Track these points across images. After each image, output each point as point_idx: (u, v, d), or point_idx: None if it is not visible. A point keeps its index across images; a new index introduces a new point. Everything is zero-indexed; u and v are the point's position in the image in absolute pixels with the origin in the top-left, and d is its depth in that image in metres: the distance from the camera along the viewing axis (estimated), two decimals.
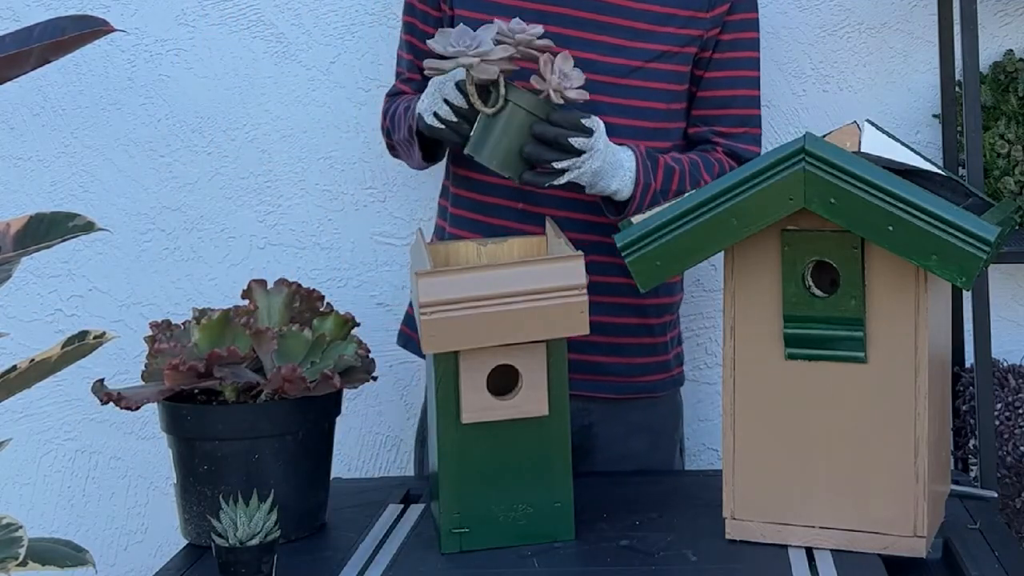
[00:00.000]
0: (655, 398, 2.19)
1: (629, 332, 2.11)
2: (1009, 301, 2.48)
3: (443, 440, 1.79)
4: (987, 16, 2.41)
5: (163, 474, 2.56)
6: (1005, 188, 2.36)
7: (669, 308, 2.18)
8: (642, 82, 2.07)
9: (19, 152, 2.57)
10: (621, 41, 2.06)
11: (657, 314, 2.15)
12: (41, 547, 1.18)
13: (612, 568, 1.75)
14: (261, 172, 2.55)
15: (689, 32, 2.08)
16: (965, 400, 2.33)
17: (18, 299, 2.59)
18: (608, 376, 2.12)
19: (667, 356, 2.19)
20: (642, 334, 2.13)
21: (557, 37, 2.00)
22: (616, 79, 2.05)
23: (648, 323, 2.14)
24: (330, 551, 1.85)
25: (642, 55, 2.06)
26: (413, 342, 2.20)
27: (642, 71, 2.07)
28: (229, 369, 1.82)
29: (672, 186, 2.01)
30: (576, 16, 2.05)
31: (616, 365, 2.12)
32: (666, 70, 2.08)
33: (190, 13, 2.53)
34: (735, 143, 2.12)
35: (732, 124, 2.13)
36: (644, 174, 1.98)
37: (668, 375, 2.20)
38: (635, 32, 2.06)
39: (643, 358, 2.15)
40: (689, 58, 2.09)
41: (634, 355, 2.13)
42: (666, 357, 2.18)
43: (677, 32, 2.08)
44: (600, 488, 2.02)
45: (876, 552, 1.74)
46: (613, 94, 2.05)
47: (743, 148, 2.12)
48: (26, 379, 1.20)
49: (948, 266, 1.61)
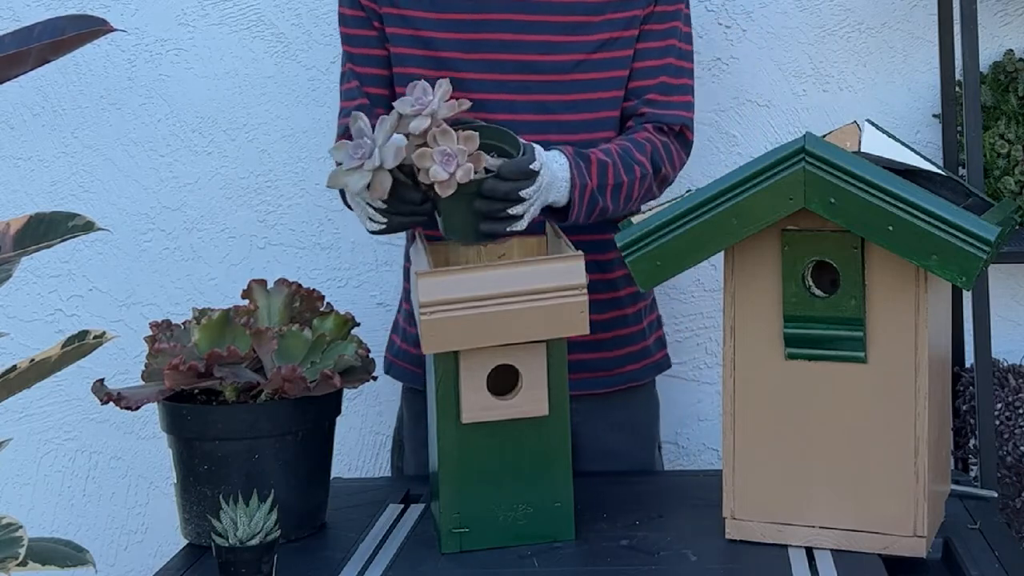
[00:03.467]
0: (638, 388, 2.19)
1: (604, 327, 2.10)
2: (1009, 301, 2.48)
3: (443, 440, 1.79)
4: (987, 16, 2.41)
5: (163, 474, 2.56)
6: (1005, 188, 2.36)
7: (643, 295, 2.17)
8: (587, 74, 2.04)
9: (19, 152, 2.58)
10: (559, 37, 2.02)
11: (631, 303, 2.14)
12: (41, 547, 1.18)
13: (612, 568, 1.75)
14: (261, 172, 2.55)
15: (629, 13, 2.04)
16: (965, 400, 2.33)
17: (18, 299, 2.59)
18: (591, 372, 2.11)
19: (646, 342, 2.18)
20: (618, 326, 2.12)
21: (493, 43, 1.99)
22: (560, 76, 2.03)
23: (623, 314, 2.13)
24: (330, 551, 1.85)
25: (583, 48, 2.03)
26: (395, 367, 2.20)
27: (586, 63, 2.04)
28: (229, 369, 1.82)
29: (608, 180, 1.96)
30: (508, 20, 2.02)
31: (596, 360, 2.10)
32: (611, 58, 2.05)
33: (190, 13, 2.53)
34: (661, 111, 2.08)
35: (660, 92, 2.08)
36: (579, 176, 1.93)
37: (650, 361, 2.19)
38: (571, 26, 2.03)
39: (622, 349, 2.14)
40: (632, 40, 2.06)
41: (613, 348, 2.12)
42: (645, 344, 2.18)
43: (617, 16, 2.04)
44: (600, 488, 2.01)
45: (876, 552, 1.74)
46: (559, 91, 2.03)
47: (671, 114, 2.08)
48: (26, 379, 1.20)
49: (948, 266, 1.61)
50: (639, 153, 2.02)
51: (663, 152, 2.05)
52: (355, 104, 2.10)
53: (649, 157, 2.03)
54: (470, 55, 2.02)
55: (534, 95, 2.03)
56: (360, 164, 1.76)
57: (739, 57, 2.48)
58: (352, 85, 2.12)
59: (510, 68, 2.02)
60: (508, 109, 2.01)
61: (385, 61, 2.09)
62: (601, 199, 1.96)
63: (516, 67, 2.02)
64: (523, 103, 2.03)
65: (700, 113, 2.49)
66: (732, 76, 2.49)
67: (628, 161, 2.00)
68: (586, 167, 1.94)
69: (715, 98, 2.49)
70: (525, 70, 2.01)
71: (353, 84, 2.12)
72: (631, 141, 2.03)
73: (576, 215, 1.94)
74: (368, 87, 2.10)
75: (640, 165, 2.01)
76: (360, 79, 2.10)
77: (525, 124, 1.99)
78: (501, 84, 2.02)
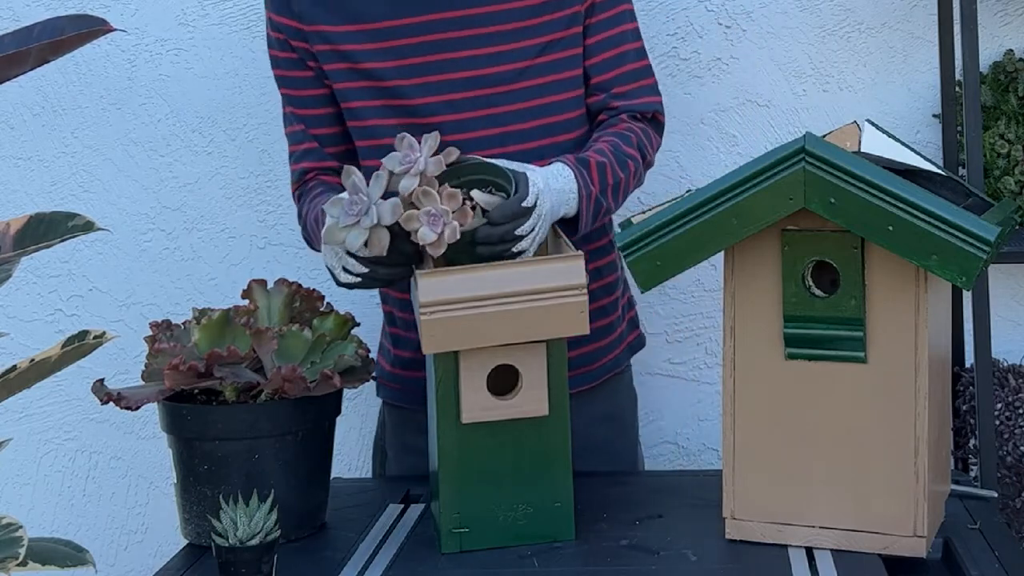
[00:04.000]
0: (619, 377, 2.19)
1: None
2: (1009, 301, 2.48)
3: (443, 440, 1.79)
4: (987, 16, 2.41)
5: (163, 474, 2.56)
6: (1005, 188, 2.36)
7: (615, 283, 2.16)
8: (534, 80, 2.01)
9: (19, 152, 2.58)
10: (499, 47, 1.99)
11: (607, 293, 2.14)
12: (41, 547, 1.18)
13: (612, 568, 1.75)
14: (261, 172, 2.55)
15: (569, 11, 2.01)
16: (965, 400, 2.33)
17: (18, 299, 2.59)
18: (575, 370, 2.11)
19: (622, 327, 2.19)
20: (597, 318, 2.11)
21: (436, 65, 1.97)
22: (507, 86, 2.00)
23: (601, 305, 2.12)
24: (330, 551, 1.85)
25: (525, 54, 2.00)
26: (383, 388, 2.20)
27: (531, 69, 2.01)
28: (229, 369, 1.82)
29: (609, 180, 1.96)
30: (447, 39, 1.98)
31: (581, 356, 2.10)
32: (556, 59, 2.02)
33: (190, 13, 2.53)
34: (634, 100, 2.07)
35: (627, 81, 2.07)
36: (584, 186, 1.93)
37: (624, 345, 2.20)
38: (509, 34, 1.99)
39: (603, 340, 2.14)
40: (578, 37, 2.03)
41: (594, 340, 2.11)
42: (621, 328, 2.19)
43: (556, 16, 2.01)
44: (600, 488, 2.02)
45: (876, 552, 1.74)
46: (509, 101, 2.00)
47: (643, 102, 2.08)
48: (26, 379, 1.19)
49: (948, 266, 1.61)
50: (627, 146, 2.01)
51: (645, 140, 2.05)
52: (303, 148, 2.08)
53: (637, 148, 2.02)
54: (414, 80, 1.99)
55: (485, 109, 1.99)
56: (356, 221, 1.75)
57: (739, 57, 2.48)
58: (297, 128, 2.09)
59: (458, 86, 1.99)
60: (460, 129, 1.98)
61: (327, 99, 2.05)
62: (604, 201, 1.96)
63: (463, 84, 1.99)
64: (476, 120, 2.00)
65: (700, 113, 2.50)
66: (732, 76, 2.49)
67: (621, 157, 2.00)
68: (588, 173, 1.94)
69: (715, 98, 2.49)
70: (472, 86, 1.98)
71: (298, 128, 2.09)
72: (617, 135, 2.03)
73: (584, 224, 1.94)
74: (314, 129, 2.07)
75: (632, 159, 2.01)
76: (305, 121, 2.08)
77: (482, 140, 1.97)
78: (450, 104, 1.99)
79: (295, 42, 2.03)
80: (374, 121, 2.02)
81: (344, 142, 2.08)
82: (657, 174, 2.50)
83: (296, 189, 2.12)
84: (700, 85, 2.49)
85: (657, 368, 2.55)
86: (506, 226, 1.79)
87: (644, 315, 2.51)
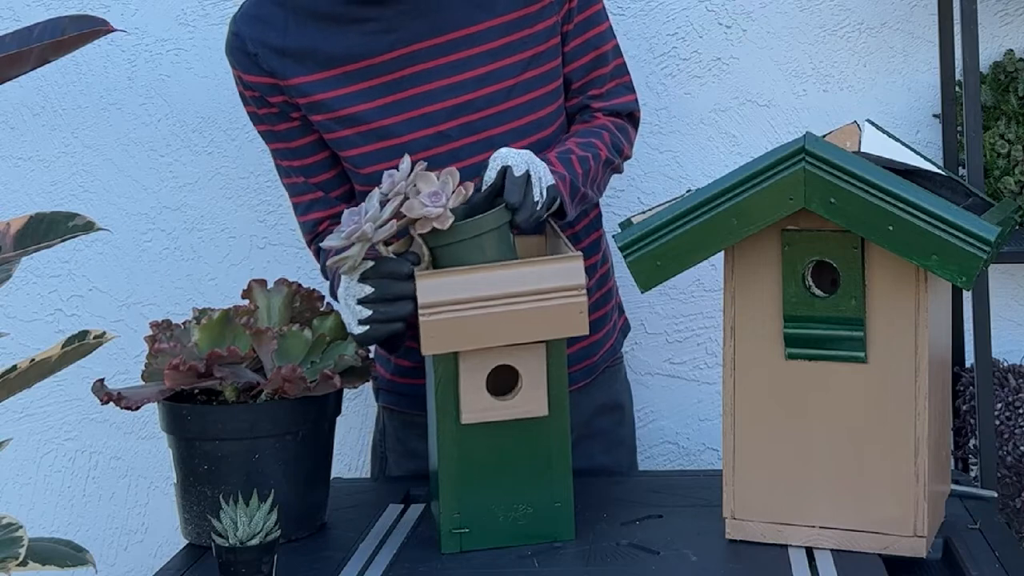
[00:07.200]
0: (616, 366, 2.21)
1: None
2: (1009, 301, 2.48)
3: (443, 440, 1.79)
4: (987, 16, 2.41)
5: (163, 474, 2.56)
6: (1005, 188, 2.36)
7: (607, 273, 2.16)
8: (522, 97, 1.99)
9: (19, 152, 2.58)
10: (486, 68, 1.97)
11: (599, 286, 2.14)
12: (41, 547, 1.18)
13: (612, 568, 1.75)
14: (261, 172, 2.55)
15: (546, 24, 1.99)
16: (965, 400, 2.33)
17: (18, 299, 2.59)
18: (581, 363, 2.11)
19: (615, 315, 2.20)
20: (595, 310, 2.10)
21: (421, 97, 1.95)
22: (497, 107, 1.98)
23: (596, 299, 2.13)
24: (330, 551, 1.85)
25: (511, 71, 1.97)
26: (383, 394, 2.19)
27: (518, 87, 1.98)
28: (229, 369, 1.82)
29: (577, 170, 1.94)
30: (429, 68, 1.95)
31: (579, 351, 2.10)
32: (541, 73, 2.00)
33: (190, 13, 2.53)
34: (611, 101, 2.07)
35: (604, 83, 2.07)
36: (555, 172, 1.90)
37: (618, 330, 2.22)
38: (491, 53, 1.97)
39: (598, 333, 2.14)
40: (558, 48, 2.02)
41: (594, 332, 2.10)
42: (614, 317, 2.20)
43: (536, 29, 1.99)
44: (600, 488, 2.02)
45: (876, 552, 1.74)
46: (500, 123, 1.98)
47: (620, 102, 2.07)
48: (26, 379, 1.20)
49: (948, 266, 1.61)
50: (596, 139, 2.00)
51: (620, 134, 2.05)
52: (308, 199, 2.06)
53: (606, 142, 2.01)
54: (401, 116, 1.96)
55: (477, 135, 1.97)
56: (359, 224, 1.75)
57: (739, 57, 2.48)
58: (297, 180, 2.06)
59: (446, 115, 1.97)
60: (454, 158, 1.95)
61: (320, 144, 2.02)
62: (577, 184, 1.93)
63: (452, 112, 1.96)
64: (468, 146, 1.97)
65: (700, 113, 2.50)
66: (732, 76, 2.49)
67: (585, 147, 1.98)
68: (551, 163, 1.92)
69: (715, 98, 2.49)
70: (462, 112, 1.96)
71: (298, 180, 2.06)
72: (588, 131, 2.02)
73: (568, 207, 1.92)
74: (314, 177, 2.04)
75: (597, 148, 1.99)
76: (304, 173, 2.05)
77: (478, 166, 1.91)
78: (442, 136, 1.97)
79: (272, 98, 2.00)
80: (370, 168, 1.99)
81: (347, 181, 2.07)
82: (657, 174, 2.50)
83: (311, 241, 2.10)
84: (700, 85, 2.49)
85: (657, 368, 2.55)
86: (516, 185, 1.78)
87: (644, 315, 2.52)
